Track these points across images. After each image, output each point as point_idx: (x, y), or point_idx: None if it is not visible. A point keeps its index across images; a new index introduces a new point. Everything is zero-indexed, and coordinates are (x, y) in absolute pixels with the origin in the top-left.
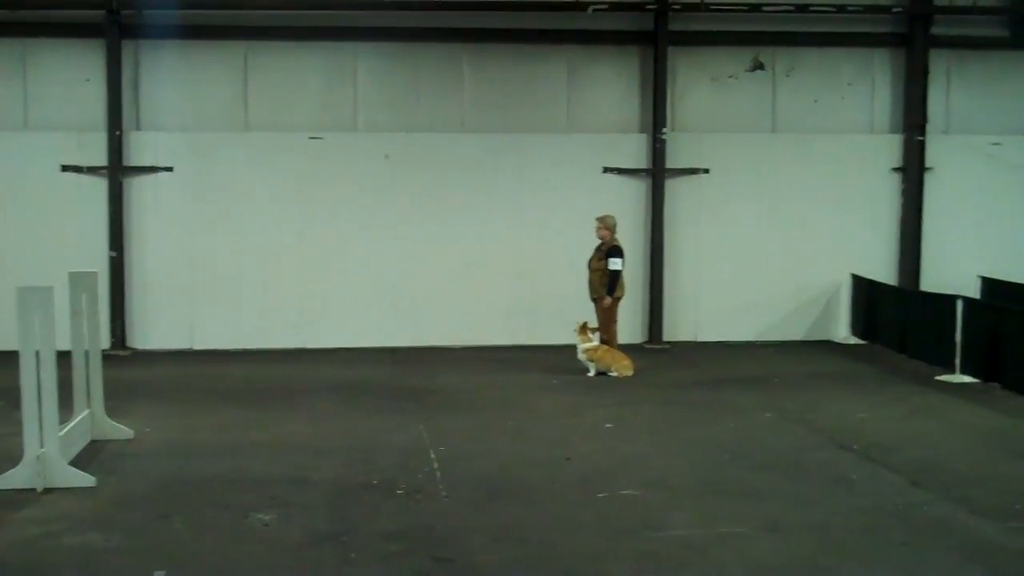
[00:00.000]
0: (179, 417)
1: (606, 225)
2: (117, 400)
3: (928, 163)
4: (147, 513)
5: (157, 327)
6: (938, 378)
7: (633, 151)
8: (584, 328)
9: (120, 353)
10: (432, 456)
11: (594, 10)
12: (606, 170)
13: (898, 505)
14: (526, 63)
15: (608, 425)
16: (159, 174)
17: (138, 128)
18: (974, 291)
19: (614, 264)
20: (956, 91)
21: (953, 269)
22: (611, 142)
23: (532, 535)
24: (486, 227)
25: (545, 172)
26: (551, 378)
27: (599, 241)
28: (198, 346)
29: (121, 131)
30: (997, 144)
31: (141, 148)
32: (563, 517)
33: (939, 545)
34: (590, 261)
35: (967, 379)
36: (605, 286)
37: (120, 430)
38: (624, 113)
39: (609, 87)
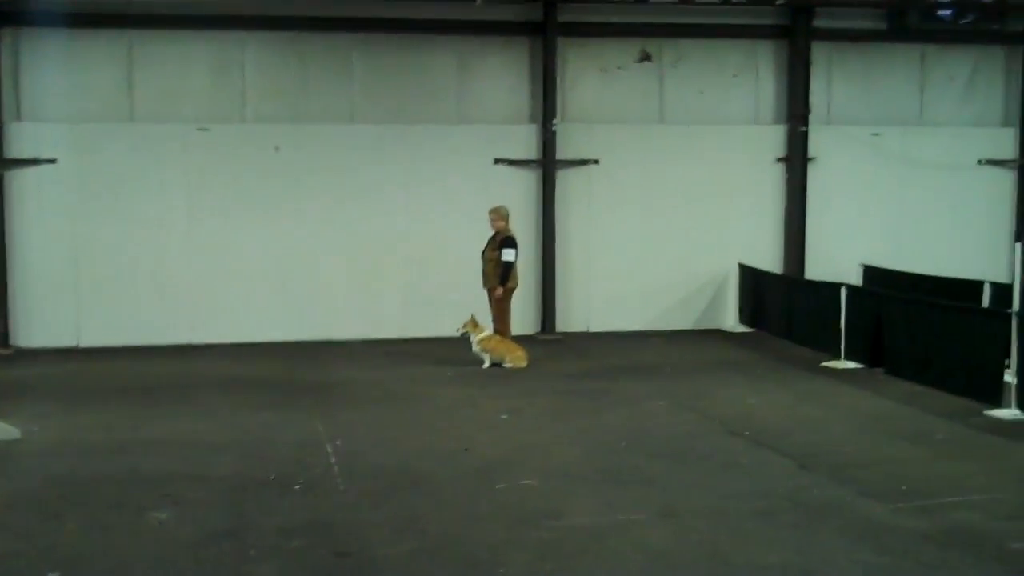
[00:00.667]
0: (67, 416)
1: (500, 215)
2: (1, 400)
3: (811, 153)
4: (38, 514)
5: (41, 324)
6: (824, 364)
7: (524, 142)
8: (474, 322)
9: (2, 352)
10: (329, 450)
11: (483, 1)
12: (497, 161)
13: (789, 488)
14: (416, 54)
15: (504, 416)
16: (42, 166)
17: (19, 119)
18: (857, 279)
19: (507, 255)
20: (838, 82)
21: (836, 257)
22: (502, 133)
23: (432, 527)
24: (378, 219)
25: (436, 163)
26: (446, 370)
27: (492, 232)
28: (84, 343)
29: (1, 122)
30: (877, 134)
31: (22, 139)
32: (463, 508)
33: (830, 526)
34: (484, 251)
35: (851, 365)
36: (499, 276)
37: (6, 430)
38: (514, 104)
39: (499, 78)
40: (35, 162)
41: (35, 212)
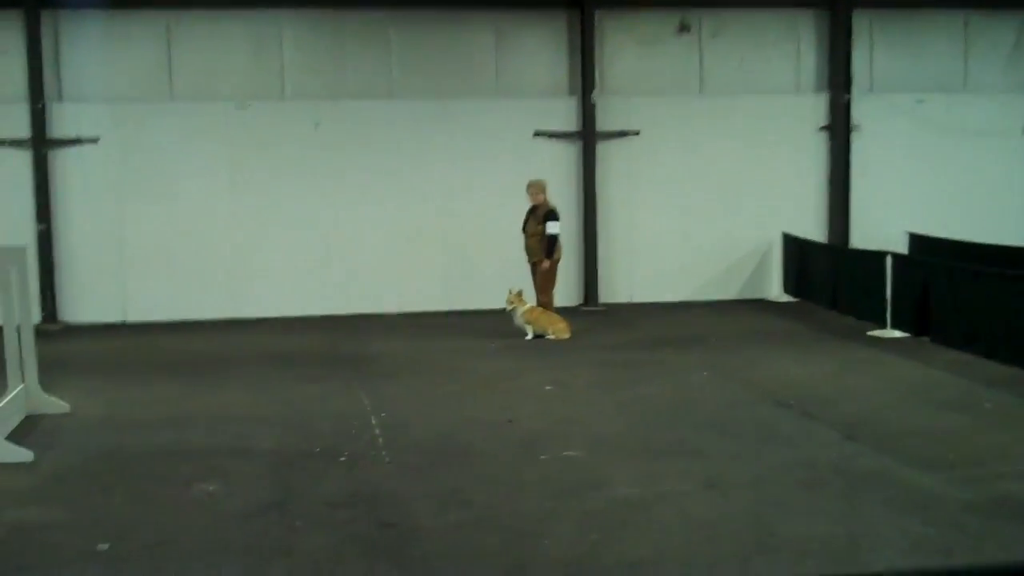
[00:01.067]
0: (115, 390)
1: (539, 188)
2: (51, 374)
3: (854, 122)
4: (87, 487)
5: (88, 300)
6: (869, 333)
7: (563, 115)
8: (518, 295)
9: (51, 328)
10: (374, 422)
11: None
12: (537, 134)
13: (834, 459)
14: (453, 29)
15: (548, 387)
16: (84, 145)
17: (61, 100)
18: (903, 247)
19: (552, 228)
20: (880, 50)
21: (881, 226)
22: (541, 106)
23: (476, 498)
24: (418, 193)
25: (475, 137)
26: (489, 342)
27: (531, 206)
28: (131, 319)
29: (44, 103)
30: (921, 101)
31: (64, 120)
32: (506, 480)
33: (875, 497)
34: (525, 226)
35: (898, 334)
36: (544, 250)
37: (56, 404)
38: (553, 77)
39: (538, 51)
40: (77, 141)
41: (79, 191)
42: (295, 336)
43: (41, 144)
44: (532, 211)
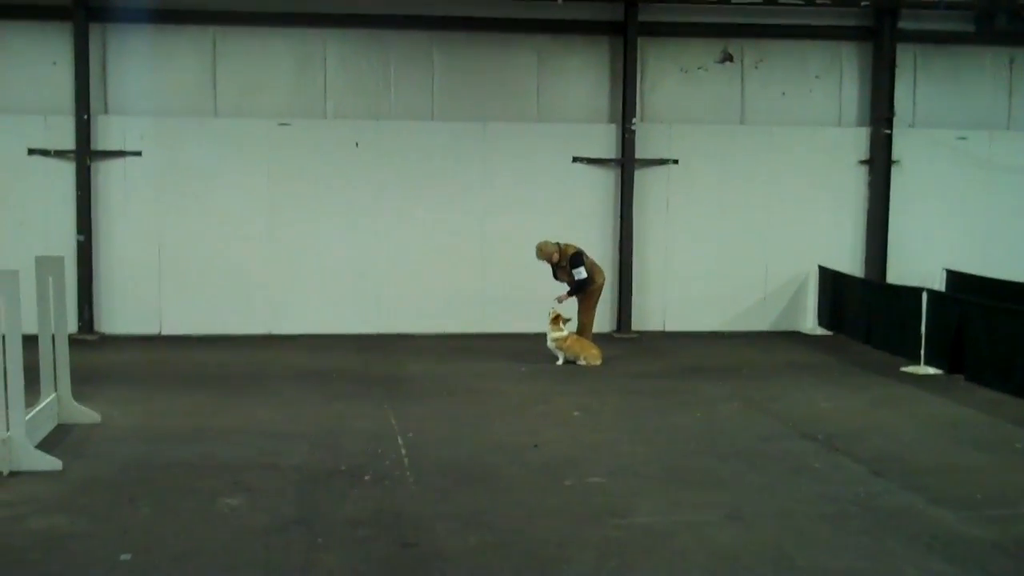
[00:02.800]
0: (147, 402)
1: (547, 251)
2: (84, 384)
3: (895, 156)
4: (114, 497)
5: (125, 312)
6: (903, 369)
7: (602, 141)
8: (557, 319)
9: (87, 338)
10: (400, 442)
11: (564, 0)
12: (575, 160)
13: (860, 494)
14: (496, 52)
15: (576, 413)
16: (127, 158)
17: (106, 112)
18: (939, 284)
19: (580, 274)
20: (922, 85)
21: (919, 261)
22: (581, 132)
23: (498, 521)
24: (455, 215)
25: (514, 161)
26: (519, 366)
27: (550, 263)
28: (166, 331)
29: (89, 115)
30: (963, 138)
31: (109, 132)
32: (529, 504)
33: (899, 533)
34: (555, 277)
35: (931, 370)
36: (572, 289)
37: (87, 414)
38: (594, 103)
39: (579, 77)
40: (121, 154)
41: (120, 203)
42: (328, 354)
43: (85, 156)
44: (555, 266)
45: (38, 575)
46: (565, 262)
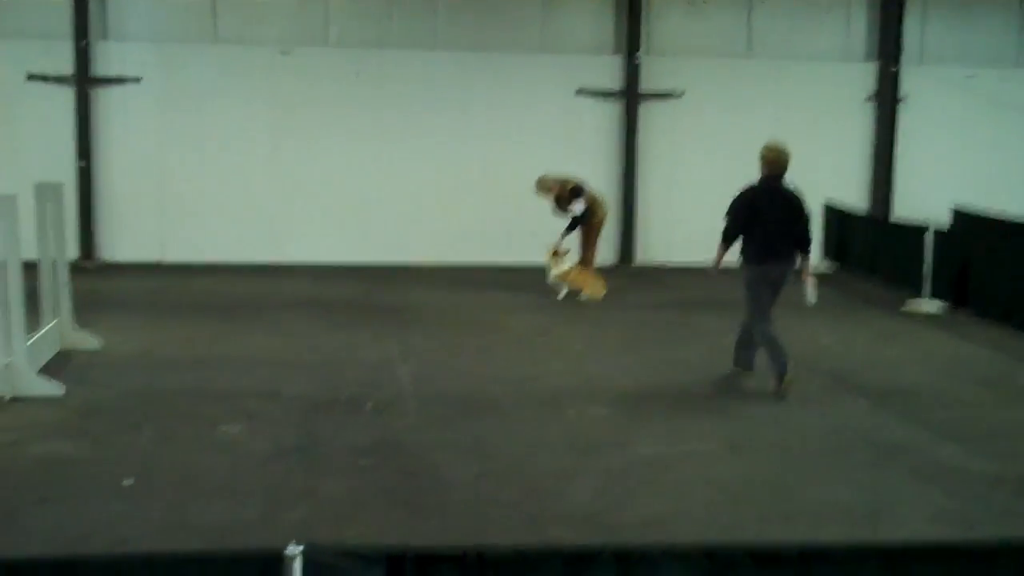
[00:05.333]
0: (148, 329)
1: (546, 186)
2: (86, 311)
3: (902, 93)
4: (115, 423)
5: (126, 239)
6: (906, 308)
7: (607, 73)
8: (556, 253)
9: (88, 265)
10: (401, 373)
11: None
12: (579, 92)
13: (861, 427)
14: None
15: (578, 346)
16: (127, 85)
17: (105, 38)
18: (946, 221)
19: (577, 208)
20: (932, 21)
21: (925, 199)
22: (585, 64)
23: (499, 451)
24: (458, 146)
25: (518, 92)
26: (522, 298)
27: (551, 200)
28: (168, 259)
29: (88, 40)
30: (972, 76)
31: (108, 58)
32: (531, 434)
33: (900, 467)
34: (558, 207)
35: (936, 305)
36: (568, 228)
37: (88, 340)
38: (598, 35)
39: (583, 8)
40: (120, 81)
41: (120, 130)
42: (330, 283)
43: (84, 82)
44: (556, 202)
45: (41, 500)
46: (567, 194)
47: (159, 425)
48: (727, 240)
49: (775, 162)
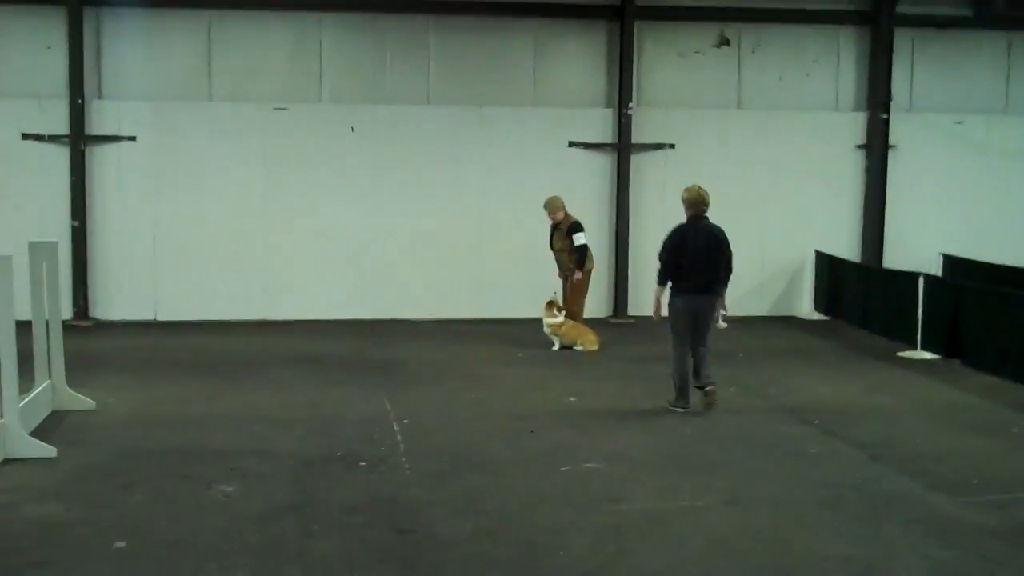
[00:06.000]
0: (141, 388)
1: (556, 207)
2: (79, 371)
3: (892, 141)
4: (108, 484)
5: (120, 298)
6: (900, 354)
7: (599, 126)
8: (551, 304)
9: (82, 324)
10: (396, 428)
11: None
12: (571, 144)
13: (857, 479)
14: (492, 36)
15: (572, 399)
16: (122, 143)
17: (100, 96)
18: (936, 268)
19: (580, 239)
20: (920, 69)
21: (916, 246)
22: (577, 116)
23: (494, 507)
24: (451, 200)
25: (511, 145)
26: (516, 351)
27: (552, 223)
28: (161, 317)
29: (83, 99)
30: (960, 123)
31: (103, 117)
32: (525, 490)
33: (896, 519)
34: (552, 243)
35: (928, 355)
36: (576, 261)
37: (82, 401)
38: (590, 87)
39: (575, 61)
40: (115, 139)
41: (115, 188)
42: (324, 339)
43: (79, 140)
44: (555, 227)
45: (32, 563)
46: (565, 227)
47: (152, 486)
48: (663, 281)
49: (697, 202)
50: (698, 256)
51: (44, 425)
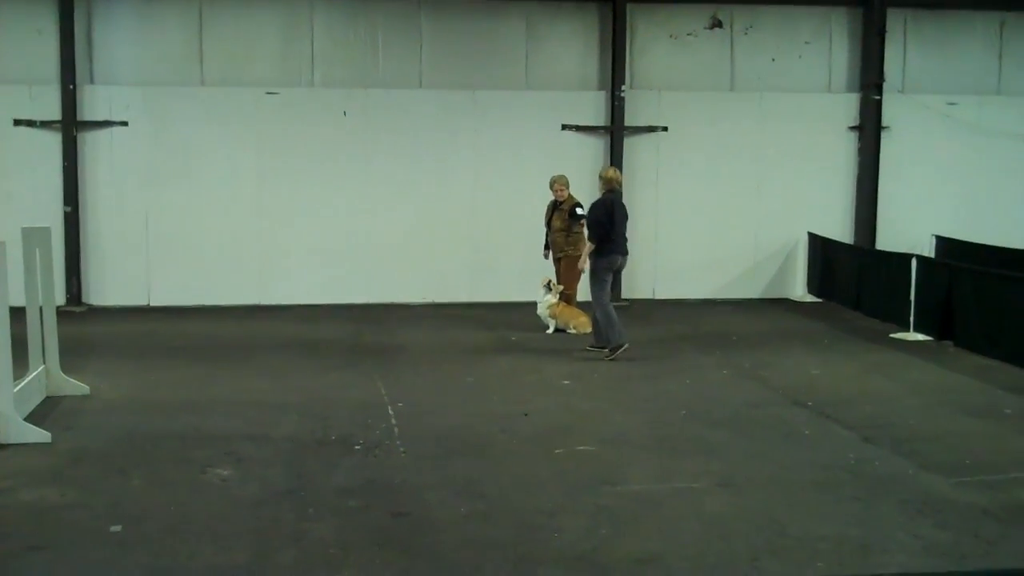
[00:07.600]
0: (136, 373)
1: (565, 184)
2: (73, 356)
3: (884, 122)
4: (103, 469)
5: (113, 283)
6: (892, 336)
7: (592, 109)
8: (549, 283)
9: (75, 309)
10: (390, 412)
11: None
12: (564, 127)
13: (850, 460)
14: (484, 19)
15: (566, 382)
16: (114, 128)
17: (92, 82)
18: (929, 250)
19: (580, 211)
20: (912, 50)
21: (908, 228)
22: (570, 99)
23: (489, 490)
24: (444, 184)
25: (503, 129)
26: (510, 334)
27: (553, 200)
28: (155, 302)
29: (75, 85)
30: (953, 104)
31: (95, 102)
32: (520, 473)
33: (890, 499)
34: (549, 221)
35: (921, 337)
36: (570, 244)
37: (76, 386)
38: (583, 70)
39: (568, 44)
40: (107, 124)
41: (107, 173)
42: (318, 324)
43: (71, 126)
44: (555, 206)
45: (28, 547)
46: (568, 206)
47: (147, 470)
48: (601, 240)
49: (612, 180)
50: (621, 224)
51: (38, 410)
